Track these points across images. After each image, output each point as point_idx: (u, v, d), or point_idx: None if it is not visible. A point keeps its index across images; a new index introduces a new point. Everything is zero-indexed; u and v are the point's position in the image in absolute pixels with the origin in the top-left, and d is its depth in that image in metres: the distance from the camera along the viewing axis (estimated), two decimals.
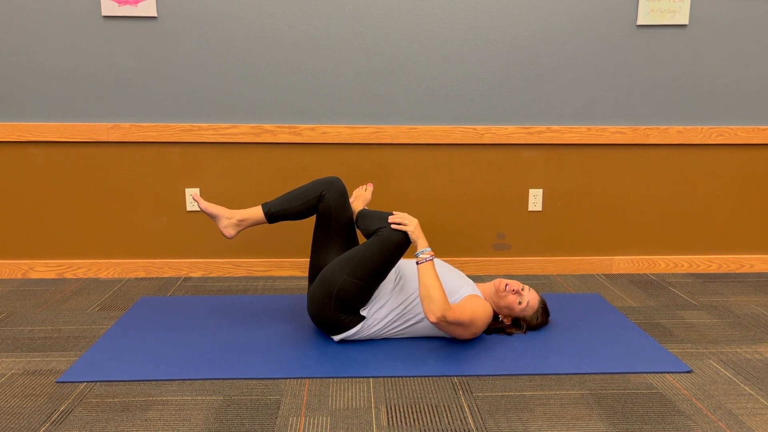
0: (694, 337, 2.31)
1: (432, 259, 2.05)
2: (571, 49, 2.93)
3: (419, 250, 2.06)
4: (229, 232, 2.28)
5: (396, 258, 2.12)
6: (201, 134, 2.91)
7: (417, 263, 2.05)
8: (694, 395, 1.87)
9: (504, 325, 2.31)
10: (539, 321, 2.31)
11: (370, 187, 2.56)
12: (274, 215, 2.27)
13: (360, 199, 2.51)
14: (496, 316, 2.32)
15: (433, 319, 1.98)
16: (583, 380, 1.96)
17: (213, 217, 2.29)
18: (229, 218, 2.27)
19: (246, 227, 2.30)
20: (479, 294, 2.24)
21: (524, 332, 2.31)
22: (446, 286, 2.18)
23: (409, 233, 2.08)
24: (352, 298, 2.12)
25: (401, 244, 2.10)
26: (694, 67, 2.97)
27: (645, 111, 3.00)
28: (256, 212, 2.27)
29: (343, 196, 2.30)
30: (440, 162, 3.01)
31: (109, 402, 1.81)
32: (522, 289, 2.26)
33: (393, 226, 2.09)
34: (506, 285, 2.24)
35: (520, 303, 2.25)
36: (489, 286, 2.30)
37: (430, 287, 1.98)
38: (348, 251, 2.18)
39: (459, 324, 2.05)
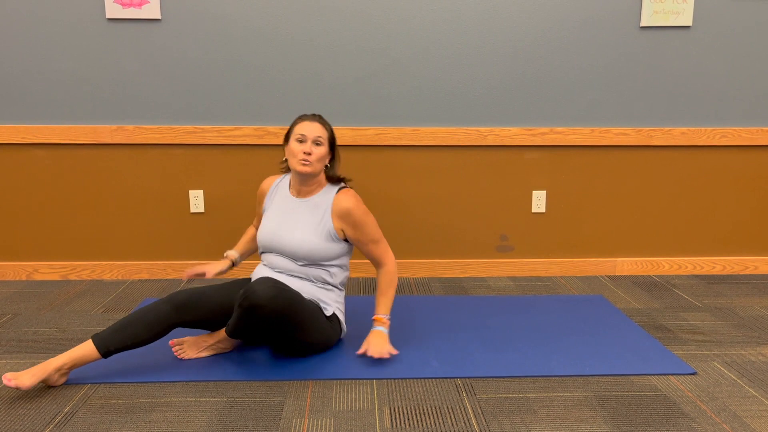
0: (698, 339, 2.31)
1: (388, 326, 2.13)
2: (574, 51, 2.93)
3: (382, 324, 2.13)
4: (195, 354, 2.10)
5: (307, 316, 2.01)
6: (204, 136, 2.91)
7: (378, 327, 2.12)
8: (698, 397, 1.86)
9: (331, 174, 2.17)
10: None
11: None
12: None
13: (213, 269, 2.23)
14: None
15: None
16: (586, 382, 1.96)
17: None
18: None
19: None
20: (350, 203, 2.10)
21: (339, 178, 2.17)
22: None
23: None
24: (318, 332, 2.07)
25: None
26: (698, 68, 2.97)
27: (648, 112, 3.00)
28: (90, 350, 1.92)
29: (182, 309, 2.02)
30: (443, 163, 3.01)
31: (113, 404, 1.81)
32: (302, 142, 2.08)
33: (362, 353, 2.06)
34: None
35: (307, 156, 2.06)
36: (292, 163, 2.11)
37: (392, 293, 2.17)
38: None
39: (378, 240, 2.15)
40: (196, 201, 2.98)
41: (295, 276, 2.12)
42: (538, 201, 3.06)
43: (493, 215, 3.07)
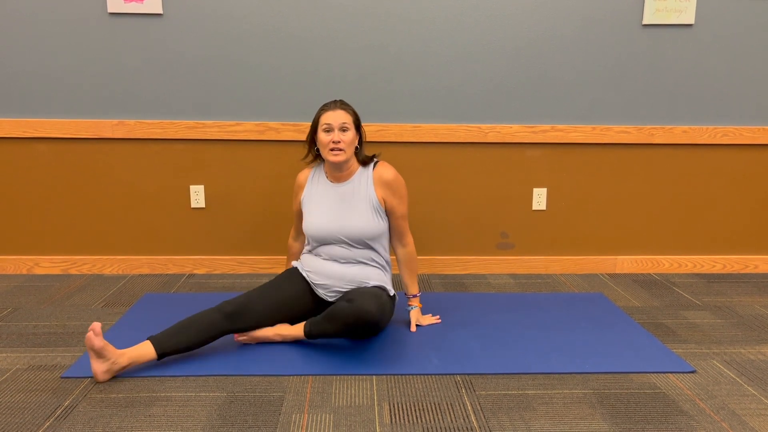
0: (697, 338, 2.31)
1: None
2: (576, 48, 2.92)
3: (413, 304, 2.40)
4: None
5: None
6: (206, 131, 2.91)
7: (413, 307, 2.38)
8: (697, 395, 1.87)
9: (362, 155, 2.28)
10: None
11: None
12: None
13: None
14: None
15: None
16: (586, 379, 1.96)
17: None
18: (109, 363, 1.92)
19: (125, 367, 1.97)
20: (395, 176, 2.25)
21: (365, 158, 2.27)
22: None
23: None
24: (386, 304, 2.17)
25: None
26: (700, 66, 2.96)
27: (650, 110, 2.99)
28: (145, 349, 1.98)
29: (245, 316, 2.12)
30: (444, 160, 3.01)
31: (113, 398, 1.82)
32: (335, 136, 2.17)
33: None
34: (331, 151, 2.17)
35: (335, 142, 2.16)
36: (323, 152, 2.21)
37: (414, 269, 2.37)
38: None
39: (404, 217, 2.29)
40: (197, 196, 2.98)
41: (361, 262, 2.23)
42: (539, 198, 3.06)
43: (494, 212, 3.07)
